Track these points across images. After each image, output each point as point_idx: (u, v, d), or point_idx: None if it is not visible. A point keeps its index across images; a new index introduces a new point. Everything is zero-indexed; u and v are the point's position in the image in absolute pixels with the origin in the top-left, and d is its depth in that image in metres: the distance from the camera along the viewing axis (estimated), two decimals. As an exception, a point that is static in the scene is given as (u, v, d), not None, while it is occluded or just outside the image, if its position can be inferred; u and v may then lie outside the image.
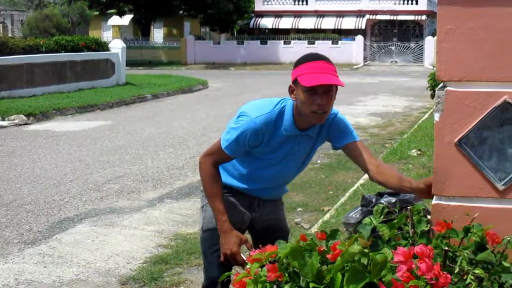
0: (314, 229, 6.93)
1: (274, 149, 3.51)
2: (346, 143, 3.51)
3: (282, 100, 3.48)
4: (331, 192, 9.12)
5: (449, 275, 2.08)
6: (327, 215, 7.64)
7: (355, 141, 3.50)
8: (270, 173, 3.63)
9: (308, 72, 3.22)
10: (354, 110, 18.90)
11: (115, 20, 53.62)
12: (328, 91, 3.24)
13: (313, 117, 3.30)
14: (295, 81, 3.30)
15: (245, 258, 3.32)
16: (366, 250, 2.12)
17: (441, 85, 2.51)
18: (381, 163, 3.45)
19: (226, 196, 3.67)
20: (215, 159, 3.53)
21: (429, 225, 2.54)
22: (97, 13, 51.81)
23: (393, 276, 2.06)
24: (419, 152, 11.40)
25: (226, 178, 3.69)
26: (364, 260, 2.10)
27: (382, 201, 5.67)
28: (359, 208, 6.25)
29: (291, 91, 3.36)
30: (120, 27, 56.18)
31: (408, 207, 2.63)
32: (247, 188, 3.71)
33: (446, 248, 2.32)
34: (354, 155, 3.49)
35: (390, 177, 3.26)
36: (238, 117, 3.46)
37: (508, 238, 2.36)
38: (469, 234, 2.41)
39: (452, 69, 2.47)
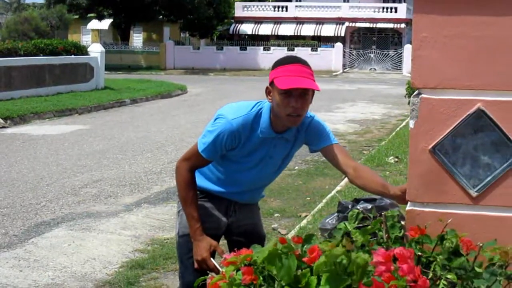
0: (291, 235, 6.94)
1: (250, 152, 3.51)
2: (323, 146, 3.51)
3: (259, 103, 3.49)
4: (308, 198, 9.15)
5: (427, 279, 2.09)
6: (304, 221, 7.66)
7: (332, 144, 3.51)
8: (247, 176, 3.63)
9: (284, 74, 3.23)
10: (332, 117, 18.97)
11: (94, 24, 53.37)
12: (303, 95, 3.25)
13: (287, 119, 3.31)
14: (271, 83, 3.30)
15: (216, 264, 3.33)
16: (350, 254, 2.13)
17: (416, 92, 2.53)
18: (359, 166, 3.45)
19: (202, 201, 3.68)
20: (192, 163, 3.53)
21: (403, 230, 2.56)
22: (76, 17, 51.51)
23: (373, 276, 2.07)
24: (396, 159, 11.47)
25: (202, 182, 3.69)
26: (345, 263, 2.10)
27: (358, 207, 5.66)
28: (336, 214, 6.25)
29: (267, 92, 3.37)
30: (99, 31, 55.93)
31: (383, 213, 2.64)
32: (224, 192, 3.71)
33: (420, 253, 2.34)
34: (332, 158, 3.49)
35: (369, 182, 3.29)
36: (215, 119, 3.45)
37: (481, 244, 2.38)
38: (444, 241, 2.42)
39: (427, 77, 2.48)
